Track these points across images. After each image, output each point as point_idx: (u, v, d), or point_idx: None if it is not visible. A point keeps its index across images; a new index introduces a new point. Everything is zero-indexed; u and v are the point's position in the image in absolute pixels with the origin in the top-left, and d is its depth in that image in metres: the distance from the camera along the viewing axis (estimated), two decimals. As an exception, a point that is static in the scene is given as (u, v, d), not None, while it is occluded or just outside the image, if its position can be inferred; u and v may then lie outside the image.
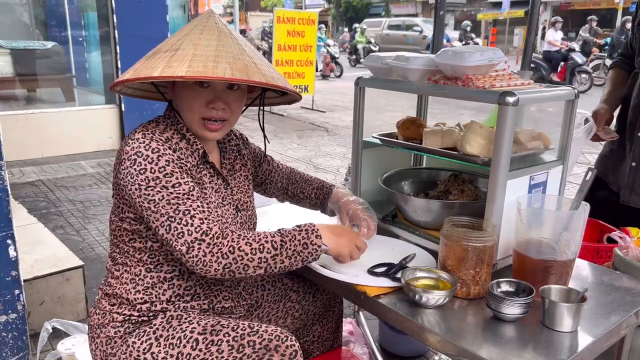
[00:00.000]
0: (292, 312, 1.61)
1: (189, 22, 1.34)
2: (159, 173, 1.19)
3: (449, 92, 1.50)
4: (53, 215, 3.89)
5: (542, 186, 1.49)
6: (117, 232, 1.32)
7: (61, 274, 2.38)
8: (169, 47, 1.24)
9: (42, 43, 6.86)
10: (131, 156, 1.21)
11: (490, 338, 1.19)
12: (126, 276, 1.31)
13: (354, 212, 1.52)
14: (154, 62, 1.20)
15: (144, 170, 1.19)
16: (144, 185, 1.19)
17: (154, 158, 1.20)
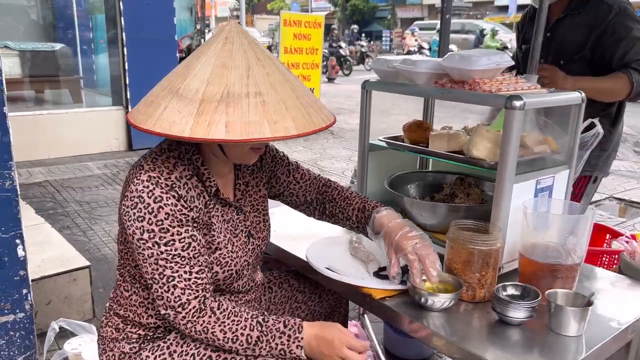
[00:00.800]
0: (298, 313, 1.62)
1: (222, 36, 1.12)
2: (155, 226, 1.12)
3: (456, 96, 1.51)
4: (60, 215, 3.91)
5: (548, 190, 1.49)
6: (124, 255, 1.29)
7: (68, 274, 2.40)
8: (246, 89, 1.06)
9: (50, 45, 6.91)
10: (134, 197, 1.14)
11: (496, 341, 1.19)
12: (135, 298, 1.28)
13: (399, 245, 1.30)
14: (248, 113, 1.04)
15: (141, 219, 1.13)
16: (138, 234, 1.14)
17: (154, 208, 1.12)
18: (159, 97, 1.11)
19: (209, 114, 1.04)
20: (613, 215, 4.31)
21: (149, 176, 1.14)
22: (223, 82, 1.06)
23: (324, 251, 1.56)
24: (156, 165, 1.17)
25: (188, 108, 1.05)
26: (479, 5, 30.78)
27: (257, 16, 39.76)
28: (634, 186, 5.05)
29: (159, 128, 1.05)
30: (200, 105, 1.04)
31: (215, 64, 1.08)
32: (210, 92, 1.05)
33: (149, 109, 1.11)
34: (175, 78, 1.12)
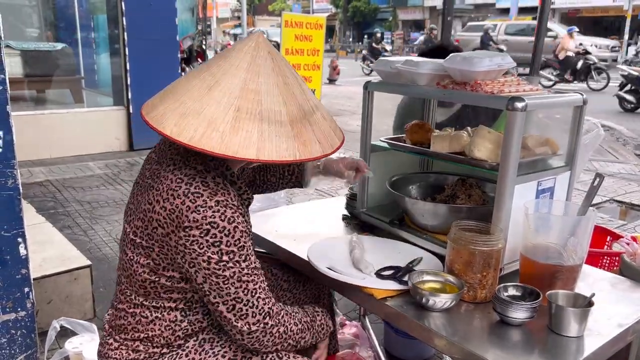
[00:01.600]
0: (284, 301, 1.64)
1: (240, 47, 1.11)
2: (234, 247, 1.10)
3: (458, 97, 1.51)
4: (61, 215, 3.91)
5: (550, 192, 1.49)
6: (148, 284, 1.20)
7: (69, 273, 2.40)
8: (307, 108, 1.12)
9: (52, 45, 6.93)
10: (202, 225, 1.07)
11: (497, 342, 1.19)
12: (160, 323, 1.23)
13: (330, 168, 1.63)
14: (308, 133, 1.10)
15: (218, 243, 1.09)
16: (215, 259, 1.09)
17: (230, 230, 1.09)
18: (239, 123, 1.04)
19: (304, 134, 1.10)
20: (614, 217, 4.31)
21: (217, 201, 1.09)
22: (295, 101, 1.10)
23: (325, 251, 1.57)
24: (213, 189, 1.11)
25: (284, 131, 1.07)
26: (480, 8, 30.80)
27: (259, 17, 39.81)
28: (634, 189, 5.05)
29: (266, 157, 1.04)
30: (292, 127, 1.08)
31: (276, 82, 1.09)
32: (292, 112, 1.09)
33: (234, 138, 1.03)
34: (235, 98, 1.05)
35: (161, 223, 1.12)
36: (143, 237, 1.17)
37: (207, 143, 1.02)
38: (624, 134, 7.81)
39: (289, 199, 4.45)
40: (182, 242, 1.10)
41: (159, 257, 1.16)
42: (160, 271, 1.18)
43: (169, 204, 1.10)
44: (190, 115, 1.04)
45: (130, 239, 1.20)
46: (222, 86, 1.06)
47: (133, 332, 1.26)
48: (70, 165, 5.31)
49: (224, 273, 1.11)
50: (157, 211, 1.12)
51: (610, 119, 8.58)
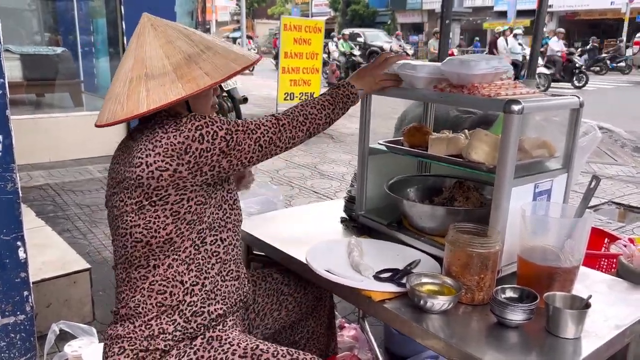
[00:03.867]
0: (286, 305, 1.65)
1: (143, 31, 1.31)
2: (226, 125, 1.24)
3: (455, 100, 1.52)
4: (60, 218, 3.92)
5: (547, 194, 1.50)
6: (168, 230, 1.25)
7: (68, 276, 2.41)
8: (198, 48, 1.26)
9: (51, 48, 6.95)
10: (194, 136, 1.20)
11: (494, 344, 1.20)
12: (175, 262, 1.27)
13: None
14: (214, 61, 1.24)
15: (215, 134, 1.22)
16: (224, 144, 1.23)
17: (213, 120, 1.23)
18: (131, 90, 1.21)
19: (189, 74, 1.21)
20: (612, 219, 4.31)
21: (188, 119, 1.23)
22: (178, 51, 1.24)
23: (324, 254, 1.57)
24: (179, 116, 1.26)
25: (168, 79, 1.20)
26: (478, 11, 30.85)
27: (258, 21, 39.87)
28: (632, 191, 5.06)
29: (155, 104, 1.18)
30: (176, 72, 1.21)
31: (159, 44, 1.25)
32: (175, 61, 1.22)
33: (130, 102, 1.20)
34: (129, 72, 1.23)
35: (163, 167, 1.20)
36: (152, 194, 1.22)
37: (115, 116, 1.21)
38: (622, 136, 7.83)
39: (288, 202, 4.46)
40: (193, 163, 1.21)
41: (177, 196, 1.23)
42: (183, 212, 1.25)
43: (160, 148, 1.20)
44: (107, 102, 1.26)
45: (138, 208, 1.24)
46: (121, 70, 1.26)
47: (148, 293, 1.26)
48: (69, 168, 5.31)
49: (238, 142, 1.26)
50: (151, 162, 1.20)
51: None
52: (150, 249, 1.26)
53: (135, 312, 1.28)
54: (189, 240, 1.27)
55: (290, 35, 8.22)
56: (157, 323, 1.26)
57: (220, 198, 1.33)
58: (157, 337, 1.25)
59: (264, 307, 1.60)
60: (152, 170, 1.20)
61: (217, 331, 1.30)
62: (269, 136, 1.32)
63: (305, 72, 8.51)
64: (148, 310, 1.27)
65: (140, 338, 1.26)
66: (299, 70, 8.41)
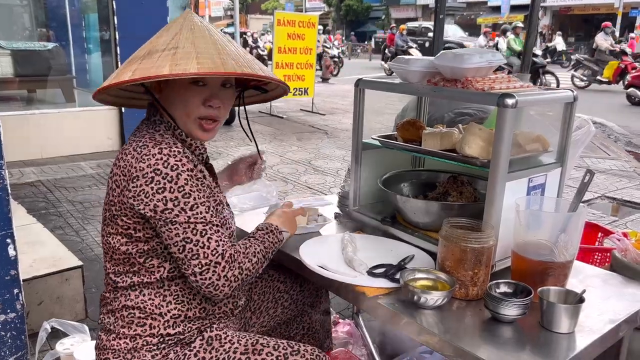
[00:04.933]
0: (282, 302, 1.65)
1: (171, 22, 1.30)
2: (177, 193, 1.15)
3: (449, 94, 1.51)
4: (52, 215, 3.88)
5: (541, 188, 1.50)
6: (126, 254, 1.23)
7: (60, 274, 2.38)
8: (164, 46, 1.19)
9: (42, 44, 6.87)
10: (147, 174, 1.14)
11: (488, 339, 1.19)
12: (149, 291, 1.24)
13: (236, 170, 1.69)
14: (155, 62, 1.15)
15: (162, 190, 1.14)
16: (161, 207, 1.14)
17: (173, 176, 1.15)
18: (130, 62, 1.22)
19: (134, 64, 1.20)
20: (605, 214, 4.33)
21: (160, 149, 1.17)
22: (146, 45, 1.24)
23: (317, 250, 1.56)
24: (158, 140, 1.20)
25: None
26: (472, 6, 30.87)
27: (251, 16, 39.72)
28: (626, 185, 5.08)
29: (125, 76, 1.16)
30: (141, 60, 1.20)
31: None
32: (144, 51, 1.22)
33: (122, 71, 1.20)
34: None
35: (118, 182, 1.20)
36: (110, 207, 1.23)
37: (120, 77, 1.18)
38: (615, 130, 7.86)
39: (282, 197, 4.44)
40: (132, 195, 1.16)
41: (122, 220, 1.21)
42: (132, 234, 1.22)
43: (122, 162, 1.20)
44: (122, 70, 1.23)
45: (105, 217, 1.26)
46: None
47: (131, 315, 1.25)
48: (61, 165, 5.27)
49: (172, 219, 1.15)
50: (115, 173, 1.22)
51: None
52: (115, 264, 1.26)
53: (115, 328, 1.26)
54: (159, 277, 1.24)
55: (284, 31, 8.18)
56: (141, 338, 1.25)
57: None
58: (141, 349, 1.24)
59: (260, 305, 1.60)
60: (112, 181, 1.22)
61: (215, 330, 1.29)
62: (197, 253, 1.16)
63: (299, 67, 8.48)
64: (129, 332, 1.25)
65: (124, 351, 1.24)
66: (293, 66, 8.38)
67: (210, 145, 6.78)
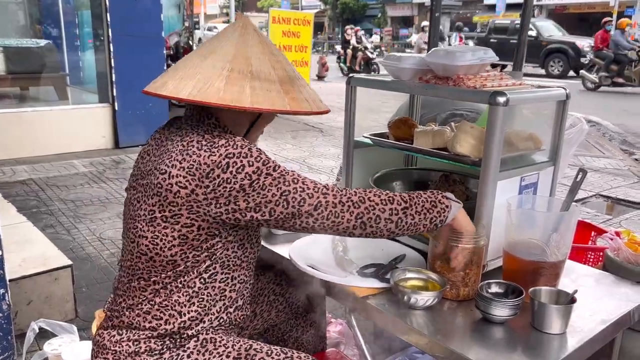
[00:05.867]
0: (276, 305, 1.62)
1: (229, 28, 1.26)
2: (257, 163, 1.14)
3: (440, 92, 1.49)
4: (43, 214, 3.85)
5: (533, 187, 1.48)
6: (175, 254, 1.18)
7: (49, 273, 2.35)
8: (295, 74, 1.25)
9: (35, 41, 6.82)
10: (221, 162, 1.12)
11: (479, 340, 1.18)
12: (177, 289, 1.21)
13: None
14: (298, 93, 1.21)
15: (241, 168, 1.12)
16: (247, 182, 1.12)
17: (247, 152, 1.14)
18: (231, 79, 1.16)
19: (292, 93, 1.20)
20: (600, 212, 4.33)
21: (226, 139, 1.15)
22: (281, 67, 1.22)
23: (307, 249, 1.54)
24: (220, 135, 1.17)
25: (274, 87, 1.18)
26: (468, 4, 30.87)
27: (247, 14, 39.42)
28: (620, 184, 5.08)
29: (259, 105, 1.15)
30: (281, 85, 1.20)
31: (263, 51, 1.22)
32: (280, 75, 1.21)
33: (229, 91, 1.14)
34: (229, 62, 1.18)
35: (182, 184, 1.13)
36: (165, 208, 1.16)
37: (205, 96, 1.13)
38: (610, 129, 7.87)
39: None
40: (211, 189, 1.12)
41: (189, 220, 1.16)
42: (191, 238, 1.17)
43: (186, 163, 1.14)
44: (187, 78, 1.16)
45: (150, 219, 1.18)
46: (216, 54, 1.19)
47: (144, 309, 1.22)
48: (54, 163, 5.23)
49: (262, 185, 1.14)
50: (175, 175, 1.14)
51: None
52: (153, 265, 1.21)
53: (126, 326, 1.24)
54: (195, 272, 1.21)
55: (279, 28, 8.15)
56: (145, 343, 1.22)
57: (244, 236, 1.26)
58: (143, 354, 1.21)
59: (254, 307, 1.57)
60: (172, 183, 1.14)
61: (210, 333, 1.27)
62: (303, 197, 1.16)
63: (294, 65, 8.43)
64: (139, 330, 1.23)
65: (125, 353, 1.22)
66: (288, 64, 8.35)
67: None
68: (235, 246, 1.25)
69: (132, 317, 1.23)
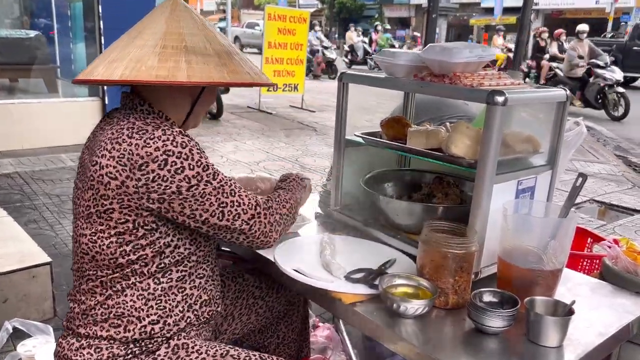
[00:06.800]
0: (256, 309, 1.55)
1: (158, 8, 1.21)
2: (198, 168, 1.10)
3: (436, 90, 1.43)
4: (27, 208, 3.76)
5: (530, 192, 1.42)
6: (116, 253, 1.12)
7: (27, 270, 2.27)
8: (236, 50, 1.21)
9: (24, 32, 6.71)
10: (158, 157, 1.06)
11: (471, 352, 1.12)
12: (132, 293, 1.14)
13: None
14: (237, 66, 1.17)
15: (181, 170, 1.07)
16: (185, 186, 1.08)
17: (187, 153, 1.09)
18: (164, 55, 1.10)
19: (232, 65, 1.15)
20: (593, 218, 4.29)
21: (162, 130, 1.10)
22: (217, 41, 1.18)
23: (293, 252, 1.47)
24: (155, 125, 1.12)
25: (212, 60, 1.13)
26: (465, 7, 30.91)
27: (244, 11, 39.48)
28: (614, 189, 5.05)
29: (197, 79, 1.09)
30: (219, 57, 1.14)
31: (198, 26, 1.17)
32: (216, 48, 1.16)
33: (163, 67, 1.08)
34: (160, 40, 1.12)
35: (113, 174, 1.08)
36: (98, 203, 1.10)
37: (138, 75, 1.07)
38: (604, 134, 7.86)
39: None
40: (143, 183, 1.07)
41: (122, 215, 1.10)
42: (127, 234, 1.11)
43: (116, 152, 1.08)
44: (118, 60, 1.10)
45: (87, 215, 1.12)
46: (146, 34, 1.14)
47: (99, 318, 1.15)
48: (41, 157, 5.12)
49: (201, 193, 1.11)
50: (104, 165, 1.08)
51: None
52: (97, 265, 1.14)
53: (83, 333, 1.16)
54: (147, 273, 1.14)
55: (275, 25, 8.08)
56: (107, 349, 1.15)
57: (194, 231, 1.19)
58: None
59: (232, 311, 1.50)
60: (103, 174, 1.08)
61: (182, 338, 1.20)
62: (238, 212, 1.17)
63: (290, 62, 8.38)
64: (98, 336, 1.15)
65: None
66: (283, 61, 8.28)
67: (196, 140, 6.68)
68: (187, 242, 1.19)
69: (88, 327, 1.16)
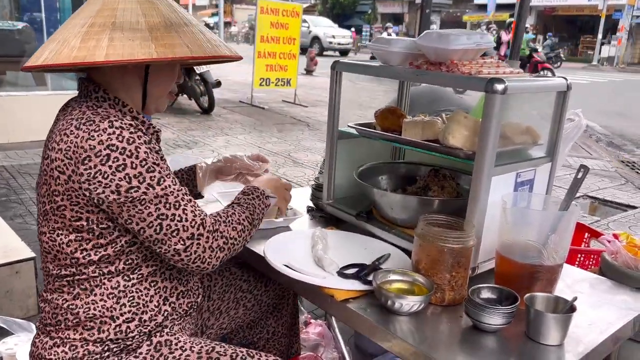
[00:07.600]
0: (244, 302, 1.50)
1: None
2: (140, 168, 1.01)
3: (432, 79, 1.38)
4: (13, 203, 3.67)
5: (529, 184, 1.37)
6: (75, 250, 1.07)
7: (10, 265, 2.20)
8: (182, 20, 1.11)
9: (11, 23, 6.58)
10: (100, 151, 0.99)
11: (468, 350, 1.07)
12: (101, 292, 1.09)
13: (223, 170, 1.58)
14: (174, 39, 1.07)
15: (122, 167, 1.00)
16: (125, 186, 1.00)
17: (132, 150, 1.01)
18: (88, 34, 1.03)
19: (167, 39, 1.05)
20: (586, 213, 4.28)
21: (110, 122, 1.02)
22: (158, 13, 1.08)
23: (284, 246, 1.42)
24: (104, 115, 1.04)
25: (140, 35, 1.04)
26: (458, 3, 30.89)
27: (237, 6, 39.24)
28: (607, 185, 5.04)
29: (116, 57, 1.00)
30: (150, 32, 1.05)
31: (139, 0, 1.09)
32: (152, 22, 1.06)
33: (83, 46, 1.01)
34: (91, 17, 1.05)
35: (61, 168, 1.02)
36: (51, 199, 1.05)
37: (58, 58, 1.01)
38: (597, 130, 7.86)
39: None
40: (85, 178, 1.01)
41: (74, 212, 1.04)
42: (78, 223, 1.05)
43: (64, 144, 1.02)
44: (49, 42, 1.06)
45: (43, 212, 1.08)
46: (82, 12, 1.08)
47: (70, 322, 1.09)
48: (28, 150, 5.03)
49: (140, 197, 1.02)
50: (54, 158, 1.03)
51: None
52: (60, 263, 1.08)
53: (55, 332, 1.10)
54: (115, 272, 1.09)
55: (267, 19, 7.99)
56: (83, 347, 1.09)
57: None
58: (83, 359, 1.09)
59: (219, 305, 1.45)
60: (53, 168, 1.03)
61: (165, 335, 1.14)
62: (178, 228, 1.05)
63: (282, 57, 8.30)
64: (71, 337, 1.10)
65: None
66: (276, 55, 8.20)
67: (186, 134, 6.60)
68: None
69: (60, 332, 1.10)
